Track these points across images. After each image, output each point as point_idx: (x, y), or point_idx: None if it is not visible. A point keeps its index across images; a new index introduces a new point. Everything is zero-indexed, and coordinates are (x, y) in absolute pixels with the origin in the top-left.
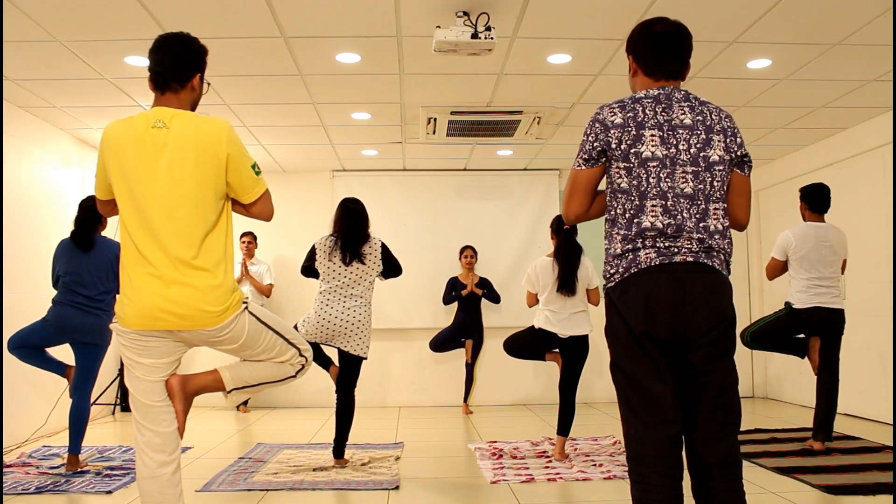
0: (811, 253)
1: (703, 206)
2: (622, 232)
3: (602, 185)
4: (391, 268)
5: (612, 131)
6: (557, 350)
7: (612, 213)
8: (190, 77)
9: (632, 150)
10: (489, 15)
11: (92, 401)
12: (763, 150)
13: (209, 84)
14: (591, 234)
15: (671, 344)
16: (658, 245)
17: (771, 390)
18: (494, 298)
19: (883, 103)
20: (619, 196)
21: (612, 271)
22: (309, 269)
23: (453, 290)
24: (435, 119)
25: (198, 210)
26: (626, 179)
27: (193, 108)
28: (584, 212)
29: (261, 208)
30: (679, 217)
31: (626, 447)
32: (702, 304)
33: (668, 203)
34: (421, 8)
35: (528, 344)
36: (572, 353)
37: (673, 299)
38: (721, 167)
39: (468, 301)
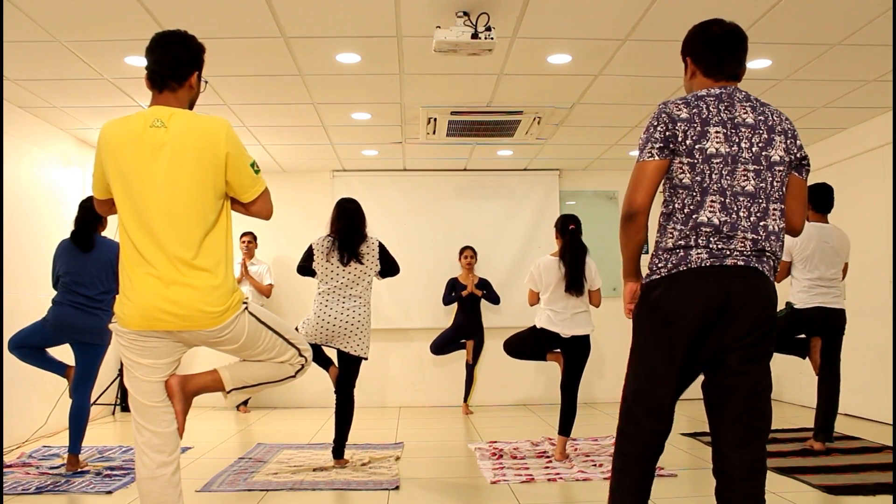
0: (814, 253)
1: (764, 206)
2: (678, 227)
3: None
4: (389, 267)
5: (678, 124)
6: (558, 350)
7: (671, 207)
8: (188, 75)
9: (696, 146)
10: (489, 15)
11: (92, 401)
12: None
13: (206, 82)
14: (591, 236)
15: (707, 346)
16: (711, 245)
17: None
18: (494, 299)
19: (883, 103)
20: (680, 191)
21: (659, 265)
22: (304, 269)
23: (453, 290)
24: (435, 119)
25: (197, 209)
26: (688, 175)
27: (191, 107)
28: (650, 203)
29: (260, 207)
30: (735, 215)
31: (620, 417)
32: (746, 308)
33: (727, 200)
34: (421, 8)
35: (529, 344)
36: (574, 353)
37: (718, 304)
38: (781, 168)
39: (468, 302)
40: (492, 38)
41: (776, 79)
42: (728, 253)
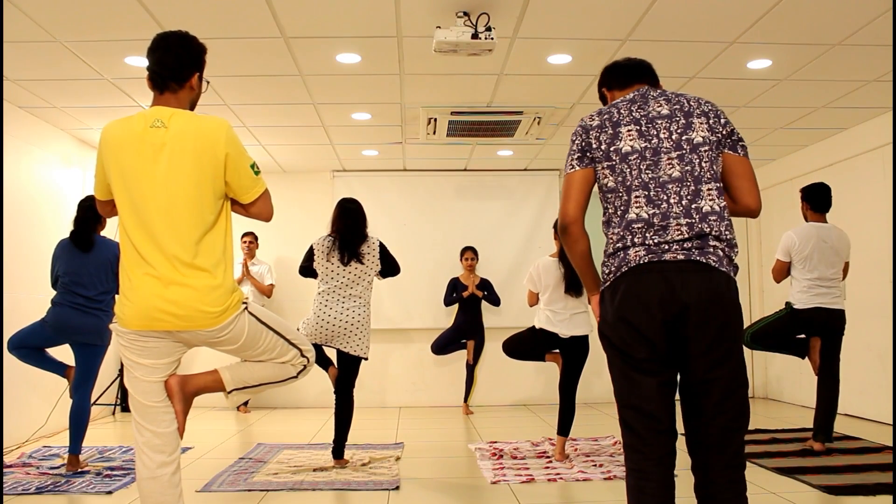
0: (813, 253)
1: (693, 188)
2: (615, 230)
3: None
4: (389, 267)
5: (591, 132)
6: (557, 350)
7: (606, 214)
8: (188, 76)
9: (612, 149)
10: (489, 15)
11: (92, 401)
12: (763, 150)
13: (208, 83)
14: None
15: (668, 341)
16: (647, 242)
17: (771, 391)
18: (494, 301)
19: (883, 103)
20: (609, 196)
21: (605, 272)
22: (307, 270)
23: (454, 291)
24: (435, 119)
25: (196, 210)
26: (611, 178)
27: (192, 108)
28: (581, 212)
29: (260, 208)
30: (663, 205)
31: (623, 437)
32: (697, 308)
33: (651, 193)
34: (421, 8)
35: (528, 344)
36: (573, 353)
37: (662, 299)
38: (706, 147)
39: (469, 302)
40: (492, 39)
41: (776, 79)
42: (666, 248)
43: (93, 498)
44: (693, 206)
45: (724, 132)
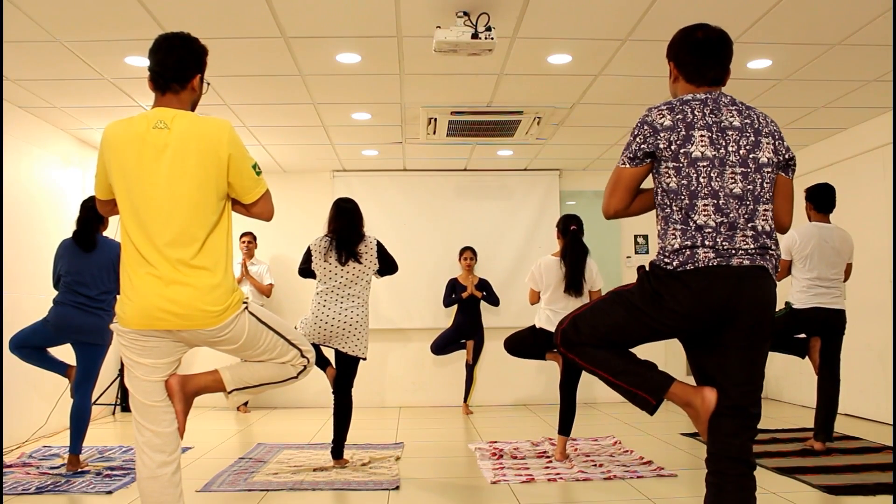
0: (814, 252)
1: (752, 207)
2: (680, 227)
3: (646, 185)
4: (387, 266)
5: (661, 134)
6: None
7: (666, 211)
8: (190, 78)
9: (681, 151)
10: (489, 15)
11: (92, 401)
12: None
13: (209, 84)
14: (593, 236)
15: (698, 334)
16: (717, 245)
17: (771, 391)
18: (493, 301)
19: (883, 103)
20: (671, 195)
21: (665, 259)
22: (306, 272)
23: (453, 291)
24: (435, 119)
25: (199, 210)
26: (675, 179)
27: (193, 109)
28: (624, 208)
29: (261, 208)
30: (732, 215)
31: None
32: (747, 310)
33: (720, 202)
34: (421, 8)
35: (528, 343)
36: None
37: (721, 306)
38: (769, 169)
39: (468, 303)
40: (492, 38)
41: (776, 79)
42: (734, 252)
43: (93, 498)
44: (750, 223)
45: (785, 156)
